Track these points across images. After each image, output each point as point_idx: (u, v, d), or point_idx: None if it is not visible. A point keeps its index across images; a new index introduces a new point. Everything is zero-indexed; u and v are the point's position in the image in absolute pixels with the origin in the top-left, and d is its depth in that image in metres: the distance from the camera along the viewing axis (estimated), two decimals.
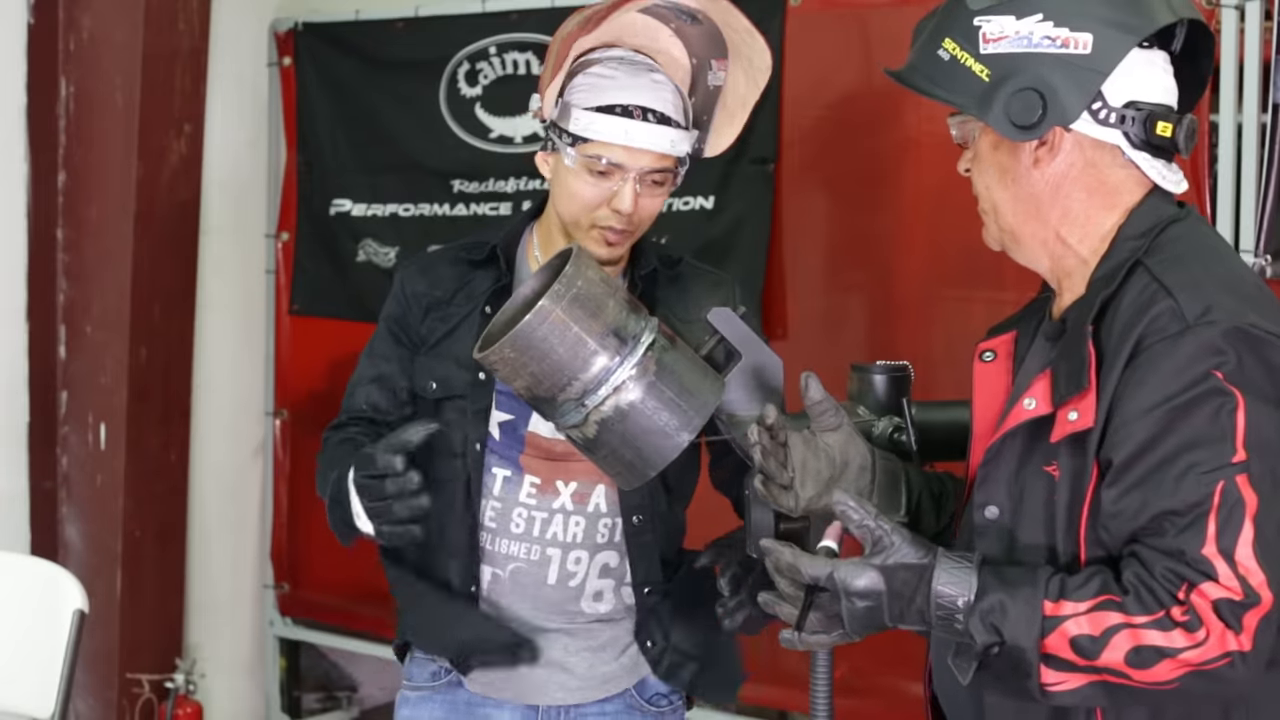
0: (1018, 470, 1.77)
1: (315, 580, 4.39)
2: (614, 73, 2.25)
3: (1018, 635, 1.63)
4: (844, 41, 3.48)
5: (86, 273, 4.01)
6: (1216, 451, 1.61)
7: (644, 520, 2.35)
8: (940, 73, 1.80)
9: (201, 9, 4.01)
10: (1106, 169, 1.79)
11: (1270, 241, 2.83)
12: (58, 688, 2.97)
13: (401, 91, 4.13)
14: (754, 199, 3.56)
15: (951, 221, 3.28)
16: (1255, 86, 2.85)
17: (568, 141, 2.24)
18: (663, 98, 2.25)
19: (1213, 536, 1.60)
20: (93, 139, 3.98)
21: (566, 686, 2.39)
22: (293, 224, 4.36)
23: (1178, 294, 1.66)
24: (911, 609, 1.68)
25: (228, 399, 4.36)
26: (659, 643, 2.39)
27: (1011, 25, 1.76)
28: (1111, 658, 1.61)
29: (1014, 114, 1.75)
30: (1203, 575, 1.59)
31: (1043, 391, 1.74)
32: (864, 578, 1.69)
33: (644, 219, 2.28)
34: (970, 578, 1.67)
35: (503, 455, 2.36)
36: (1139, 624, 1.60)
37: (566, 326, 1.90)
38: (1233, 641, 1.59)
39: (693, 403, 1.94)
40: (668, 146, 2.24)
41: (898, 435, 2.03)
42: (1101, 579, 1.64)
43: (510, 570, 2.36)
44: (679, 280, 2.39)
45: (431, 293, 2.40)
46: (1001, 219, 1.84)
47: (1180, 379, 1.63)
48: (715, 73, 2.33)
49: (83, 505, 4.05)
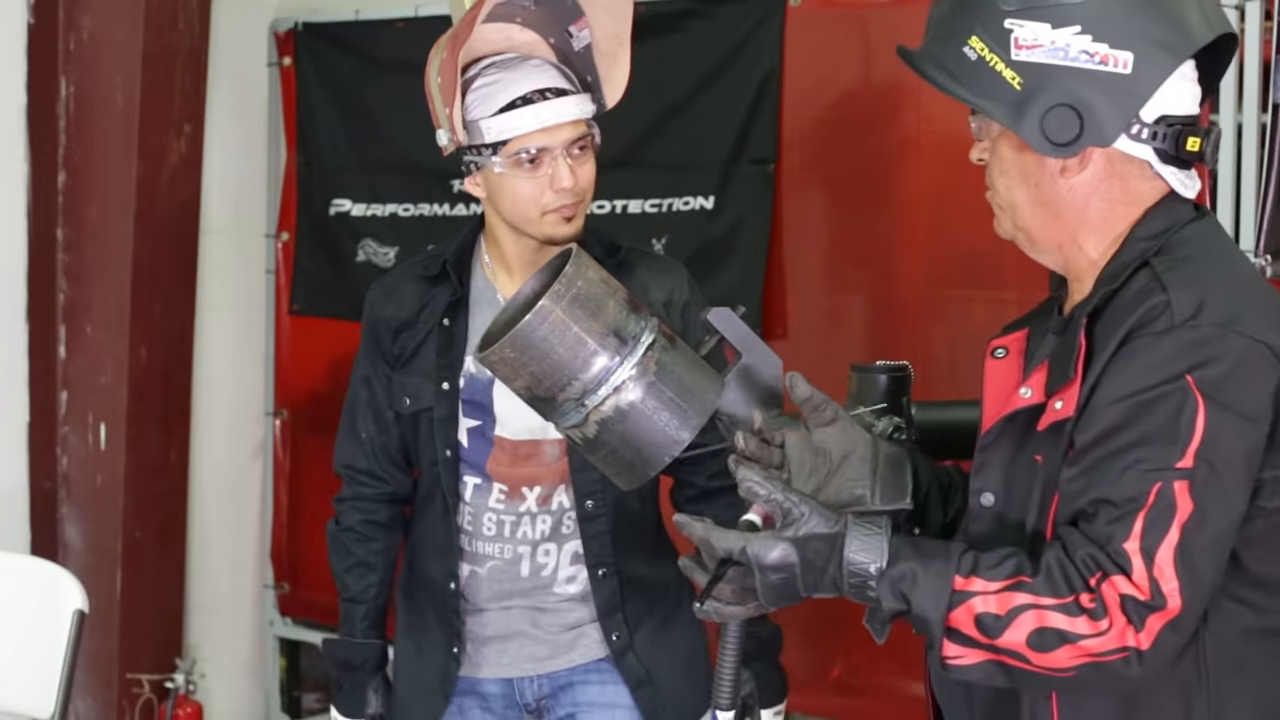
0: (1012, 458, 1.77)
1: (315, 580, 4.39)
2: (495, 76, 2.36)
3: (925, 606, 1.64)
4: (844, 41, 3.48)
5: (86, 273, 4.01)
6: (1165, 453, 1.61)
7: (596, 505, 2.48)
8: (966, 71, 1.75)
9: (201, 9, 4.01)
10: (1134, 181, 1.77)
11: (1270, 241, 2.83)
12: (58, 688, 2.97)
13: (401, 91, 4.10)
14: (754, 199, 3.56)
15: (952, 221, 3.28)
16: (1255, 86, 2.85)
17: (489, 153, 2.34)
18: (548, 75, 2.37)
19: (1138, 534, 1.60)
20: (93, 139, 3.97)
21: (536, 656, 2.52)
22: (293, 224, 4.36)
23: (1173, 291, 1.66)
24: (825, 578, 1.69)
25: (228, 399, 4.36)
26: (622, 638, 2.51)
27: (1047, 34, 1.71)
28: (1014, 637, 1.62)
29: (1050, 130, 1.71)
30: (1117, 568, 1.60)
31: (1039, 382, 1.75)
32: (776, 550, 1.68)
33: (586, 187, 2.39)
34: (882, 544, 1.67)
35: (471, 464, 2.49)
36: (1046, 605, 1.61)
37: (566, 326, 1.90)
38: (1132, 638, 1.59)
39: (693, 403, 1.94)
40: (577, 112, 2.36)
41: (898, 435, 2.03)
42: (1016, 560, 1.65)
43: (488, 568, 2.51)
44: (624, 267, 2.47)
45: (398, 315, 2.54)
46: (1019, 217, 1.82)
47: (1154, 375, 1.63)
48: (578, 35, 2.40)
49: (83, 505, 4.05)
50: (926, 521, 1.95)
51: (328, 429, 4.37)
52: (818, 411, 1.89)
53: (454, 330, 2.48)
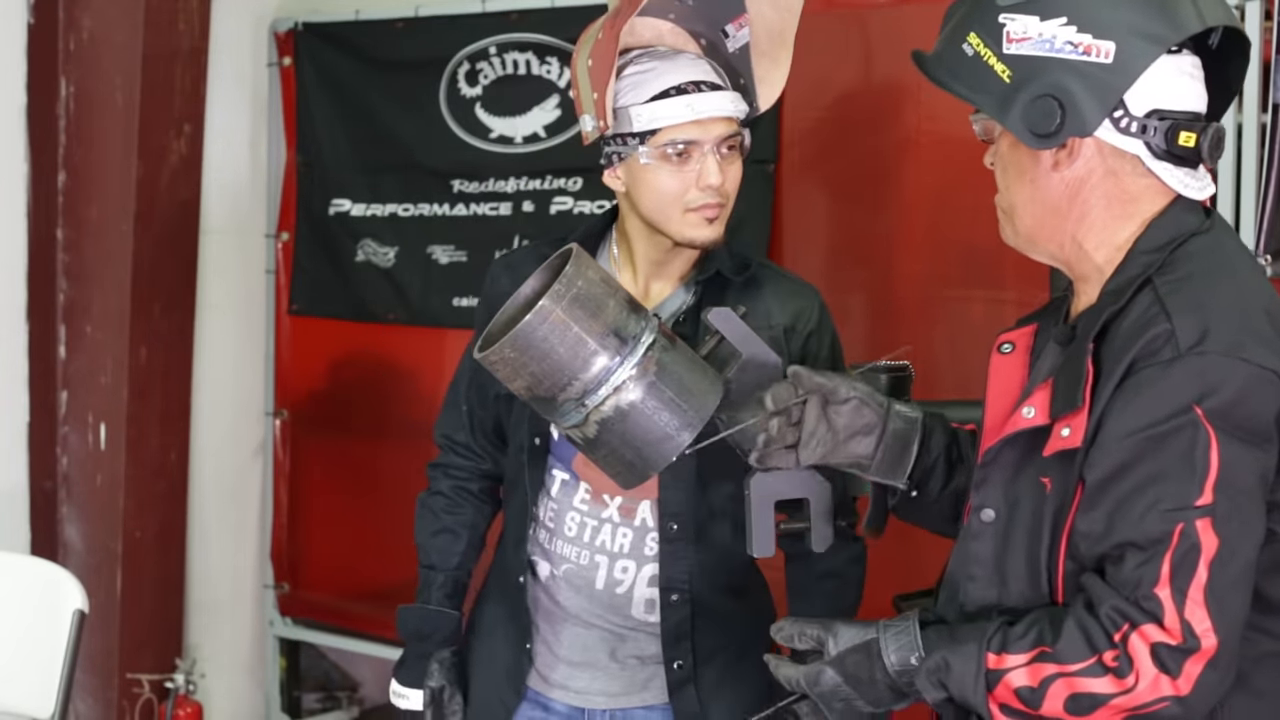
0: (1014, 476, 1.77)
1: (315, 580, 4.39)
2: (649, 64, 2.26)
3: (964, 690, 1.67)
4: (844, 41, 3.48)
5: (86, 273, 4.01)
6: (1183, 490, 1.60)
7: (679, 529, 2.36)
8: (963, 68, 1.76)
9: (201, 9, 4.01)
10: (1127, 178, 1.76)
11: (1270, 241, 2.83)
12: (58, 688, 2.97)
13: (401, 91, 4.13)
14: (754, 199, 3.55)
15: (952, 221, 3.28)
16: (1255, 86, 2.84)
17: (636, 142, 2.24)
18: (702, 68, 2.27)
19: (1166, 577, 1.59)
20: (93, 139, 3.97)
21: (608, 691, 2.42)
22: (292, 224, 4.36)
23: (1176, 318, 1.64)
24: (879, 688, 1.74)
25: (228, 399, 4.36)
26: (684, 668, 2.39)
27: (1035, 26, 1.72)
28: (1051, 707, 1.63)
29: (1032, 121, 1.72)
30: (1148, 616, 1.59)
31: (1043, 402, 1.73)
32: (822, 678, 1.78)
33: (731, 190, 2.29)
34: (913, 638, 1.73)
35: (560, 458, 2.40)
36: (1072, 672, 1.62)
37: (567, 326, 1.90)
38: (1168, 687, 1.58)
39: (693, 403, 1.94)
40: (731, 109, 2.26)
41: None
42: (1038, 630, 1.66)
43: (564, 570, 2.42)
44: (752, 284, 2.37)
45: (513, 290, 2.42)
46: (1019, 220, 1.81)
47: (1162, 408, 1.62)
48: (735, 35, 2.32)
49: (83, 505, 4.05)
50: (925, 491, 1.97)
51: (328, 429, 4.41)
52: (835, 393, 1.90)
53: None
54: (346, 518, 4.32)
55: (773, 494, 1.99)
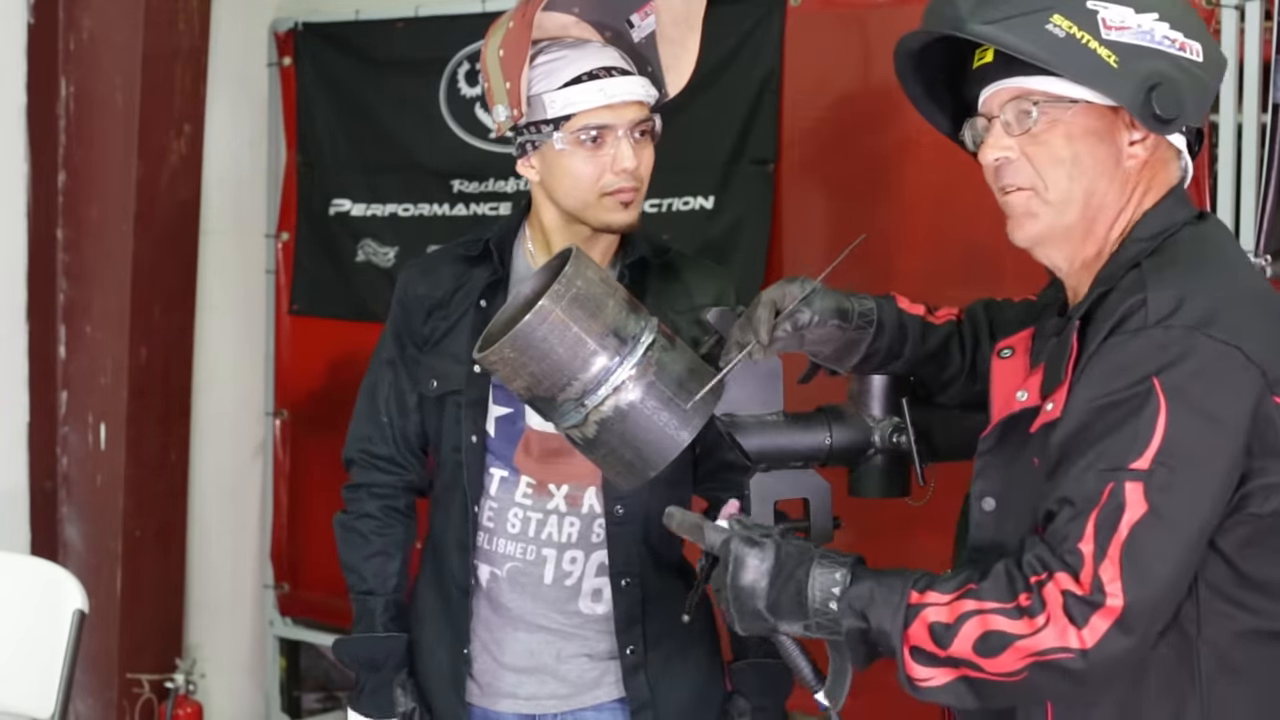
0: (1011, 461, 1.78)
1: (315, 580, 4.39)
2: (559, 53, 2.28)
3: (882, 620, 1.68)
4: (844, 41, 3.48)
5: (86, 273, 4.01)
6: (1121, 454, 1.62)
7: (625, 511, 2.36)
8: (1055, 48, 1.72)
9: (201, 9, 4.01)
10: (1165, 169, 1.80)
11: (1270, 241, 2.83)
12: (58, 688, 2.97)
13: (401, 91, 4.13)
14: (754, 199, 3.56)
15: (952, 221, 3.28)
16: (1255, 86, 2.85)
17: (550, 129, 2.26)
18: (612, 56, 2.30)
19: (1091, 534, 1.61)
20: (93, 139, 3.97)
21: (558, 694, 2.41)
22: (292, 224, 4.36)
23: (1151, 291, 1.66)
24: (790, 587, 1.72)
25: (228, 399, 4.36)
26: (636, 653, 2.39)
27: (1133, 17, 1.73)
28: (960, 647, 1.64)
29: (1161, 105, 1.71)
30: (1065, 566, 1.61)
31: (1035, 384, 1.76)
32: (756, 548, 1.75)
33: (645, 174, 2.31)
34: (844, 568, 1.72)
35: (499, 455, 2.38)
36: (989, 609, 1.63)
37: (566, 326, 1.90)
38: (1074, 638, 1.59)
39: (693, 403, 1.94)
40: (643, 93, 2.29)
41: (897, 436, 2.03)
42: (967, 574, 1.67)
43: (508, 569, 2.39)
44: (669, 270, 2.40)
45: (431, 294, 2.43)
46: (1067, 213, 1.78)
47: (1122, 377, 1.64)
48: (640, 25, 2.34)
49: (83, 505, 4.05)
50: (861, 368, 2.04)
51: (328, 429, 4.40)
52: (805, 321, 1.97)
53: (490, 312, 2.31)
54: None
55: (772, 494, 1.99)
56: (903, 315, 2.06)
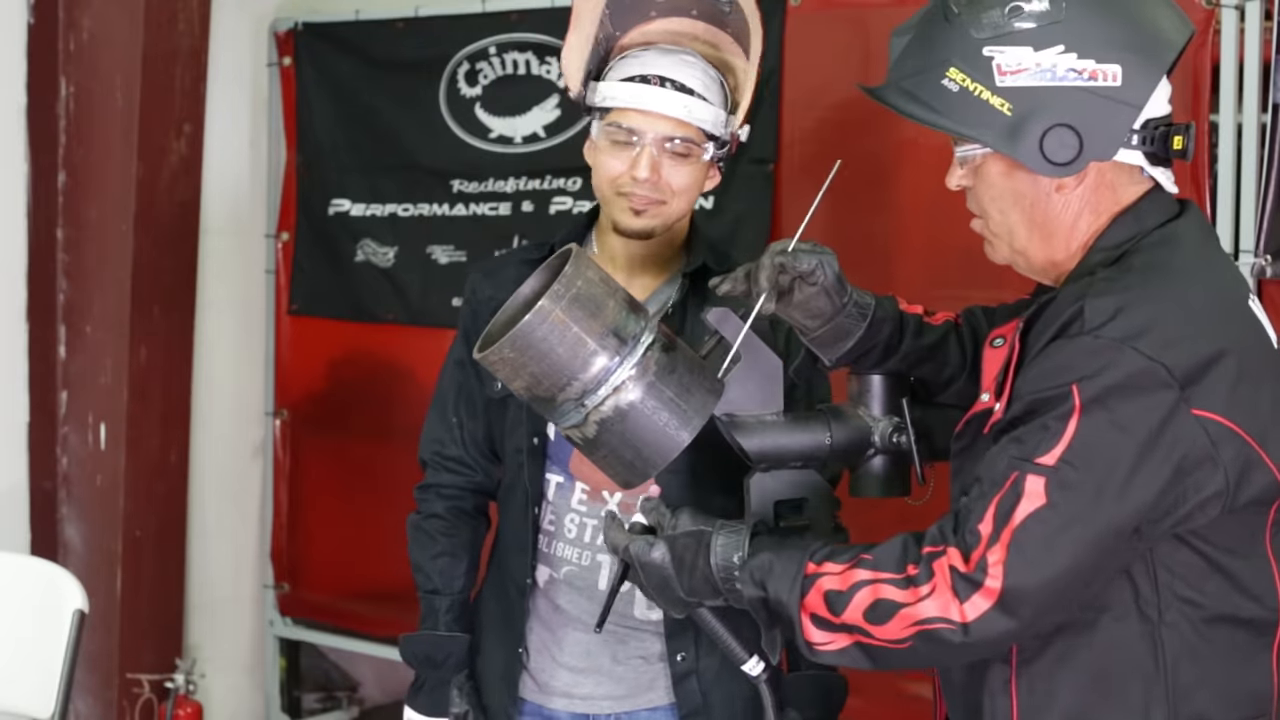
0: (979, 460, 1.80)
1: (315, 580, 4.39)
2: (643, 54, 2.30)
3: (780, 590, 1.74)
4: (844, 41, 3.48)
5: (86, 273, 4.01)
6: (1031, 448, 1.66)
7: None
8: (949, 104, 1.75)
9: (201, 9, 4.01)
10: (1123, 188, 1.79)
11: (1270, 241, 2.83)
12: (58, 688, 2.97)
13: (401, 91, 4.13)
14: (754, 199, 3.56)
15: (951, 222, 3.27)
16: (1255, 86, 2.85)
17: (596, 116, 2.30)
18: (689, 73, 2.28)
19: (990, 516, 1.66)
20: (93, 139, 3.97)
21: (613, 695, 2.42)
22: (292, 224, 4.36)
23: (1090, 300, 1.68)
24: (697, 575, 1.82)
25: (228, 399, 4.36)
26: (687, 660, 2.39)
27: (1030, 57, 1.72)
28: (852, 615, 1.69)
29: (1050, 151, 1.71)
30: (960, 544, 1.66)
31: (992, 386, 1.81)
32: (651, 552, 1.86)
33: (672, 190, 2.30)
34: (743, 539, 1.80)
35: (555, 460, 2.41)
36: (881, 579, 1.69)
37: (566, 326, 1.90)
38: (955, 611, 1.64)
39: (692, 403, 1.94)
40: (682, 112, 2.26)
41: (897, 436, 2.03)
42: (864, 546, 1.74)
43: (564, 573, 2.41)
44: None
45: (497, 295, 2.41)
46: (1016, 241, 1.84)
47: (1048, 380, 1.68)
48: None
49: (83, 505, 4.05)
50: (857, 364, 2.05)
51: (328, 429, 4.41)
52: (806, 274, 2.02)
53: None
54: (346, 518, 4.32)
55: (773, 494, 2.00)
56: (902, 312, 2.09)
